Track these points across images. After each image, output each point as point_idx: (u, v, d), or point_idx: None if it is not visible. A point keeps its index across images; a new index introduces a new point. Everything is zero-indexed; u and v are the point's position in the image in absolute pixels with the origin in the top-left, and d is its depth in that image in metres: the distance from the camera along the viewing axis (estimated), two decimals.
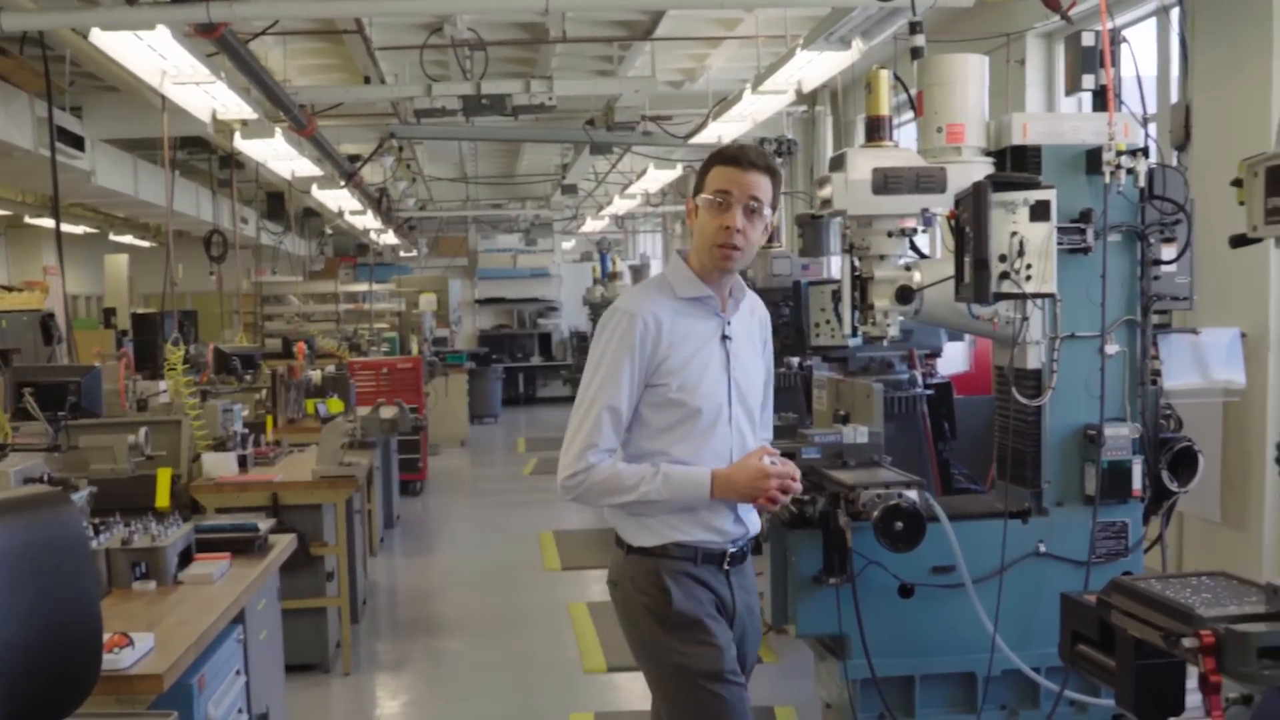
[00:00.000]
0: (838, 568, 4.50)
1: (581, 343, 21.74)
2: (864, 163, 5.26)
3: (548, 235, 24.62)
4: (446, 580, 9.33)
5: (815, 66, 8.13)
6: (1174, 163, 5.70)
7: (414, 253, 24.34)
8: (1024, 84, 8.31)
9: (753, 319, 3.54)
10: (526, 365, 24.29)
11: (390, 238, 20.46)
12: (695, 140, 11.03)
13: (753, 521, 3.49)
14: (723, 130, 10.50)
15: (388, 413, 7.31)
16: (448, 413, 16.76)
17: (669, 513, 3.32)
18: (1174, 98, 6.59)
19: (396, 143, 11.78)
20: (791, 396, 8.37)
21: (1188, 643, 2.29)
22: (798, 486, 3.35)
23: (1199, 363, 4.93)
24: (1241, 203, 2.42)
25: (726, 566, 3.39)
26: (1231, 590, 2.66)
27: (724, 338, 3.36)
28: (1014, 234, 4.18)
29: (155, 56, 6.60)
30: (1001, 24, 8.10)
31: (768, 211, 3.26)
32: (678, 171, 15.84)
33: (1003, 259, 4.18)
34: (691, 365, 3.29)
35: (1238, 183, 2.43)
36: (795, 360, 8.36)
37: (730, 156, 3.27)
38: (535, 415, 22.01)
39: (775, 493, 3.29)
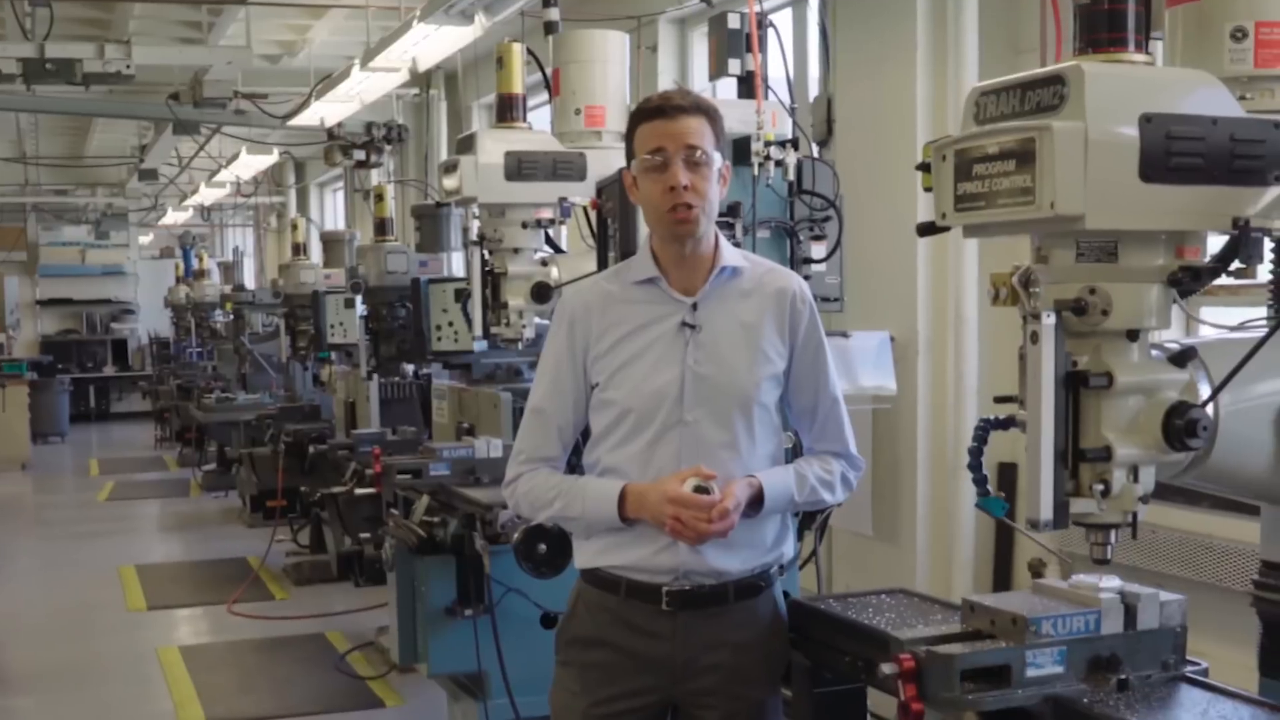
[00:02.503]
0: (474, 597, 4.45)
1: (163, 350, 20.77)
2: (495, 146, 5.17)
3: (122, 228, 23.64)
4: (8, 627, 8.70)
5: (433, 43, 8.03)
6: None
7: None
8: (656, 71, 8.44)
9: (756, 299, 3.06)
10: (99, 376, 23.27)
11: None
12: (295, 122, 10.75)
13: (724, 559, 2.95)
14: (326, 111, 10.26)
15: None
16: (5, 431, 16.12)
17: (607, 531, 2.99)
18: (812, 90, 6.82)
19: None
20: (407, 408, 8.21)
21: (886, 668, 2.25)
22: (709, 528, 2.81)
23: (848, 368, 5.08)
24: (928, 189, 2.42)
25: (667, 608, 2.94)
26: (915, 608, 2.67)
27: (684, 325, 3.00)
28: None
29: None
30: (632, 6, 8.19)
31: (715, 157, 2.95)
32: (274, 157, 15.36)
33: None
34: (621, 357, 3.01)
35: (924, 167, 2.43)
36: (411, 368, 8.21)
37: (653, 109, 2.99)
38: (110, 433, 21.10)
39: (675, 524, 2.83)
